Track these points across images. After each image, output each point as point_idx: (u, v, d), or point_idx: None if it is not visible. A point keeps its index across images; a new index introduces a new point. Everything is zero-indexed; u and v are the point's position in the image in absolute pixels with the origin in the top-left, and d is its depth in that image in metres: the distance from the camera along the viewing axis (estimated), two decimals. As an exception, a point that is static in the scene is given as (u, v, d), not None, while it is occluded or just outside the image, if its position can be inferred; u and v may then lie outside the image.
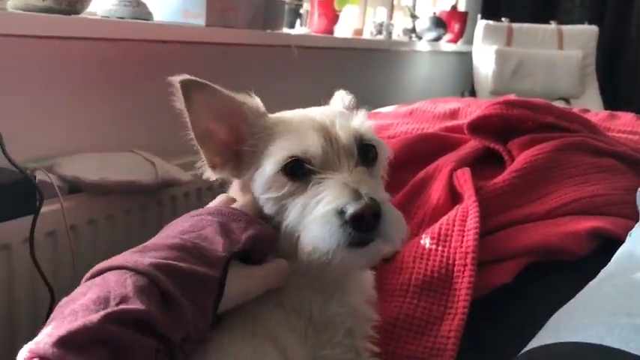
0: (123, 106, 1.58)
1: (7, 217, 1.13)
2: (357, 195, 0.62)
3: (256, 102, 0.74)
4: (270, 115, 0.74)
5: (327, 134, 0.69)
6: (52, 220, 1.22)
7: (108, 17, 1.51)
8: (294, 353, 0.65)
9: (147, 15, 1.56)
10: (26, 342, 1.19)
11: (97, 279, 0.56)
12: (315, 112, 0.75)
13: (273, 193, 0.69)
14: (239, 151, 0.73)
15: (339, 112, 0.76)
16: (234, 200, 0.74)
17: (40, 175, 1.23)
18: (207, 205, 0.73)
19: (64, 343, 0.47)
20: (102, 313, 0.50)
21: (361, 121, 0.73)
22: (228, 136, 0.72)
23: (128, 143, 1.56)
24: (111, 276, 0.55)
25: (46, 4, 1.26)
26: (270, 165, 0.68)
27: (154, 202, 1.48)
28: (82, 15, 1.37)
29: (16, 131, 1.28)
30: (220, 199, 0.75)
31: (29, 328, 1.19)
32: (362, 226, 0.62)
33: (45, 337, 0.48)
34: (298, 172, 0.67)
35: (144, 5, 1.56)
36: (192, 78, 0.67)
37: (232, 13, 1.77)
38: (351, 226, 0.62)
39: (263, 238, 0.66)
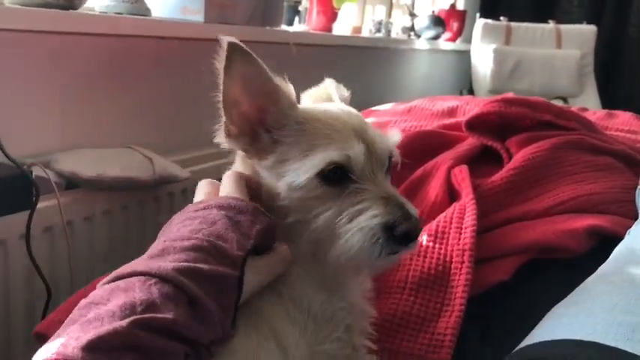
0: (121, 102, 1.58)
1: (4, 212, 1.13)
2: (406, 213, 0.67)
3: (290, 90, 0.73)
4: (300, 107, 0.73)
5: (365, 143, 0.70)
6: (49, 216, 1.22)
7: (106, 13, 1.51)
8: (295, 347, 0.65)
9: (145, 11, 1.56)
10: (22, 337, 1.19)
11: (120, 283, 0.55)
12: (342, 112, 0.75)
13: (303, 193, 0.69)
14: (257, 131, 0.72)
15: (361, 116, 0.76)
16: (245, 178, 0.72)
17: (37, 171, 1.23)
18: (222, 184, 0.71)
19: (93, 347, 0.47)
20: (130, 318, 0.50)
21: (396, 137, 0.77)
22: (251, 111, 0.71)
23: (126, 139, 1.56)
24: (135, 282, 0.54)
25: (44, -1, 1.25)
26: (308, 167, 0.68)
27: (151, 198, 1.48)
28: (80, 10, 1.36)
29: (13, 127, 1.28)
30: (231, 178, 0.72)
31: (25, 324, 1.20)
32: (406, 241, 0.67)
33: (72, 341, 0.48)
34: (333, 177, 0.68)
35: (142, 1, 1.55)
36: (240, 43, 0.66)
37: (231, 10, 1.77)
38: (394, 241, 0.66)
39: (269, 231, 0.66)
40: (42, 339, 0.82)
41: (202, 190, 0.74)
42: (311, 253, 0.71)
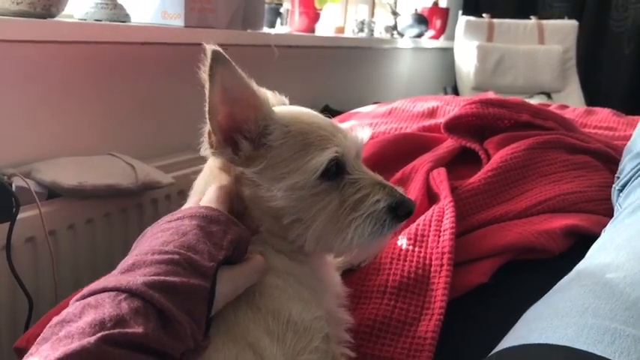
0: (101, 109, 1.57)
1: (-16, 224, 1.12)
2: (400, 194, 0.74)
3: (267, 95, 0.76)
4: (275, 110, 0.75)
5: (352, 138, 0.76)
6: (31, 226, 1.22)
7: (85, 20, 1.50)
8: (272, 358, 0.65)
9: (124, 17, 1.55)
10: (6, 348, 1.18)
11: (91, 300, 0.55)
12: (303, 111, 0.78)
13: (304, 192, 0.71)
14: (236, 139, 0.72)
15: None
16: (227, 192, 0.73)
17: (17, 181, 1.22)
18: (204, 197, 0.72)
19: None
20: (99, 334, 0.50)
21: (367, 134, 0.81)
22: (225, 120, 0.72)
23: (107, 146, 1.55)
24: (105, 297, 0.54)
25: (20, 7, 1.25)
26: (313, 166, 0.70)
27: (134, 205, 1.47)
28: (58, 18, 1.36)
29: (-9, 137, 1.27)
30: (214, 191, 0.73)
31: (8, 336, 1.19)
32: (408, 218, 0.75)
33: (42, 359, 0.48)
34: (333, 172, 0.72)
35: (121, 7, 1.55)
36: (223, 52, 0.67)
37: (211, 14, 1.77)
38: (399, 220, 0.73)
39: (242, 241, 0.67)
40: (22, 354, 0.82)
41: (209, 194, 0.73)
42: (313, 250, 0.74)
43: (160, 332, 0.54)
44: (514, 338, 0.65)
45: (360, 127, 0.82)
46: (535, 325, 0.64)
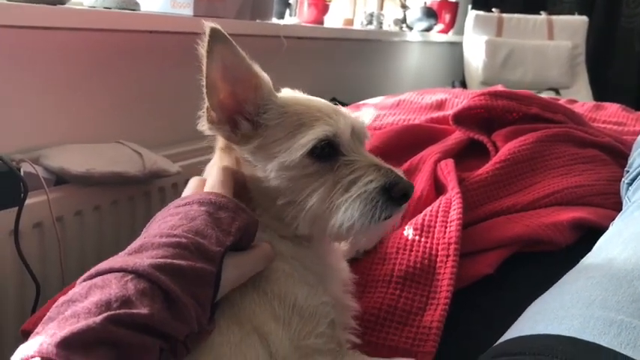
0: (110, 97, 1.58)
1: (-8, 208, 1.13)
2: (397, 175, 0.71)
3: (268, 78, 0.75)
4: (277, 94, 0.76)
5: (349, 120, 0.75)
6: (39, 212, 1.22)
7: (94, 7, 1.50)
8: (278, 342, 0.65)
9: (134, 5, 1.55)
10: (13, 332, 1.19)
11: (97, 280, 0.55)
12: (313, 98, 0.78)
13: (295, 172, 0.70)
14: (236, 119, 0.73)
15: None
16: (232, 172, 0.73)
17: (25, 167, 1.22)
18: (208, 179, 0.73)
19: (67, 344, 0.47)
20: (104, 314, 0.50)
21: (368, 117, 0.83)
22: (227, 100, 0.73)
23: (115, 134, 1.56)
24: (112, 278, 0.55)
25: (31, -6, 1.25)
26: (300, 145, 0.70)
27: (141, 193, 1.48)
28: (68, 5, 1.36)
29: (1, 123, 1.28)
30: (218, 173, 0.73)
31: (15, 321, 1.20)
32: (403, 200, 0.71)
33: (47, 338, 0.48)
34: (326, 153, 0.71)
35: (131, -5, 1.55)
36: (222, 30, 0.67)
37: (220, 3, 1.76)
38: (393, 202, 0.70)
39: (249, 228, 0.67)
40: (28, 337, 0.82)
41: (190, 187, 0.74)
42: (308, 234, 0.73)
43: (165, 314, 0.54)
44: (520, 329, 0.64)
45: (364, 111, 0.82)
46: (541, 316, 0.64)
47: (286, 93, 0.86)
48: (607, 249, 0.76)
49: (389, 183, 0.70)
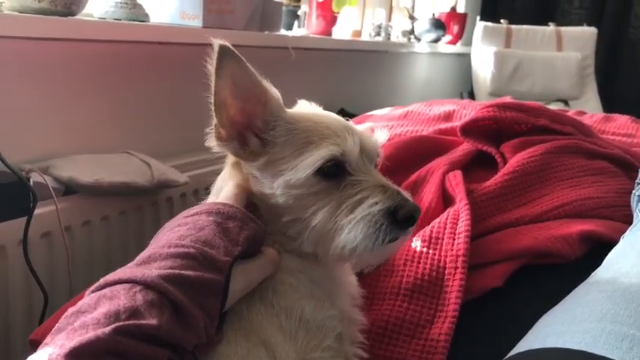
0: (119, 108, 1.59)
1: (2, 218, 1.14)
2: (404, 197, 0.69)
3: (278, 93, 0.74)
4: (288, 110, 0.75)
5: (357, 138, 0.73)
6: (47, 222, 1.23)
7: (104, 19, 1.51)
8: (285, 355, 0.65)
9: (143, 16, 1.57)
10: (21, 342, 1.19)
11: (106, 291, 0.56)
12: (324, 113, 0.77)
13: (301, 191, 0.70)
14: (245, 135, 0.73)
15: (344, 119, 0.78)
16: (243, 190, 0.73)
17: (35, 177, 1.23)
18: (221, 194, 0.73)
19: (76, 354, 0.48)
20: (113, 325, 0.50)
21: (382, 138, 0.79)
22: (238, 116, 0.72)
23: (124, 144, 1.56)
24: (120, 289, 0.55)
25: (42, 5, 1.26)
26: (307, 164, 0.69)
27: (149, 203, 1.48)
28: (78, 17, 1.37)
29: (11, 133, 1.29)
30: (231, 186, 0.74)
31: (23, 330, 1.20)
32: (409, 224, 0.69)
33: (56, 349, 0.48)
34: (330, 172, 0.70)
35: (140, 7, 1.56)
36: (231, 47, 0.67)
37: (229, 15, 1.77)
38: (397, 226, 0.68)
39: (257, 237, 0.67)
40: (36, 346, 0.82)
41: (227, 191, 0.74)
42: (312, 252, 0.72)
43: (173, 325, 0.54)
44: (530, 342, 0.64)
45: (378, 129, 0.81)
46: (552, 330, 0.63)
47: (301, 106, 0.85)
48: (618, 262, 0.75)
49: (394, 206, 0.68)
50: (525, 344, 0.65)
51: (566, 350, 0.58)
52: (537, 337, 0.65)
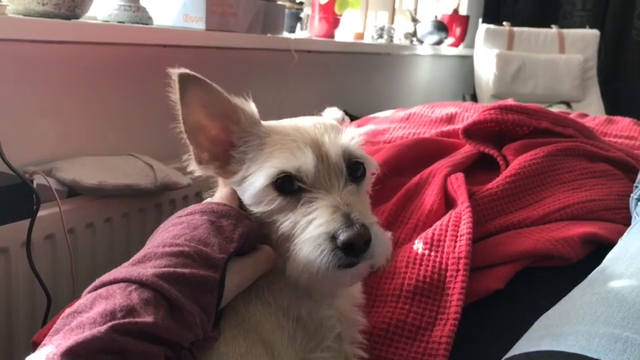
0: (122, 110, 1.59)
1: (5, 220, 1.14)
2: (349, 221, 0.64)
3: (251, 108, 0.74)
4: (264, 123, 0.74)
5: (319, 151, 0.69)
6: (51, 224, 1.23)
7: (108, 22, 1.52)
8: (284, 351, 0.65)
9: (147, 19, 1.57)
10: (24, 344, 1.20)
11: (102, 291, 0.56)
12: (308, 124, 0.74)
13: (263, 207, 0.69)
14: (227, 152, 0.73)
15: (330, 126, 0.75)
16: (235, 193, 0.74)
17: (38, 179, 1.24)
18: (216, 194, 0.74)
19: (72, 353, 0.48)
20: (109, 324, 0.51)
21: (350, 137, 0.72)
22: (220, 134, 0.73)
23: (127, 147, 1.57)
24: (116, 288, 0.56)
25: (46, 8, 1.27)
26: (260, 178, 0.68)
27: (152, 205, 1.49)
28: (82, 19, 1.38)
29: (15, 135, 1.30)
30: (224, 192, 0.74)
31: (27, 332, 1.20)
32: (352, 252, 0.64)
33: (53, 348, 0.49)
34: (289, 188, 0.68)
35: (144, 9, 1.57)
36: (191, 73, 0.68)
37: (232, 18, 1.78)
38: (341, 252, 0.63)
39: (252, 233, 0.68)
40: (40, 348, 0.83)
41: (220, 193, 0.75)
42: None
43: (169, 321, 0.55)
44: (525, 345, 0.64)
45: (353, 126, 0.78)
46: (546, 332, 0.64)
47: (327, 113, 0.85)
48: (613, 265, 0.75)
49: (334, 231, 0.63)
50: (520, 347, 0.65)
51: (560, 353, 0.58)
52: (532, 340, 0.65)
